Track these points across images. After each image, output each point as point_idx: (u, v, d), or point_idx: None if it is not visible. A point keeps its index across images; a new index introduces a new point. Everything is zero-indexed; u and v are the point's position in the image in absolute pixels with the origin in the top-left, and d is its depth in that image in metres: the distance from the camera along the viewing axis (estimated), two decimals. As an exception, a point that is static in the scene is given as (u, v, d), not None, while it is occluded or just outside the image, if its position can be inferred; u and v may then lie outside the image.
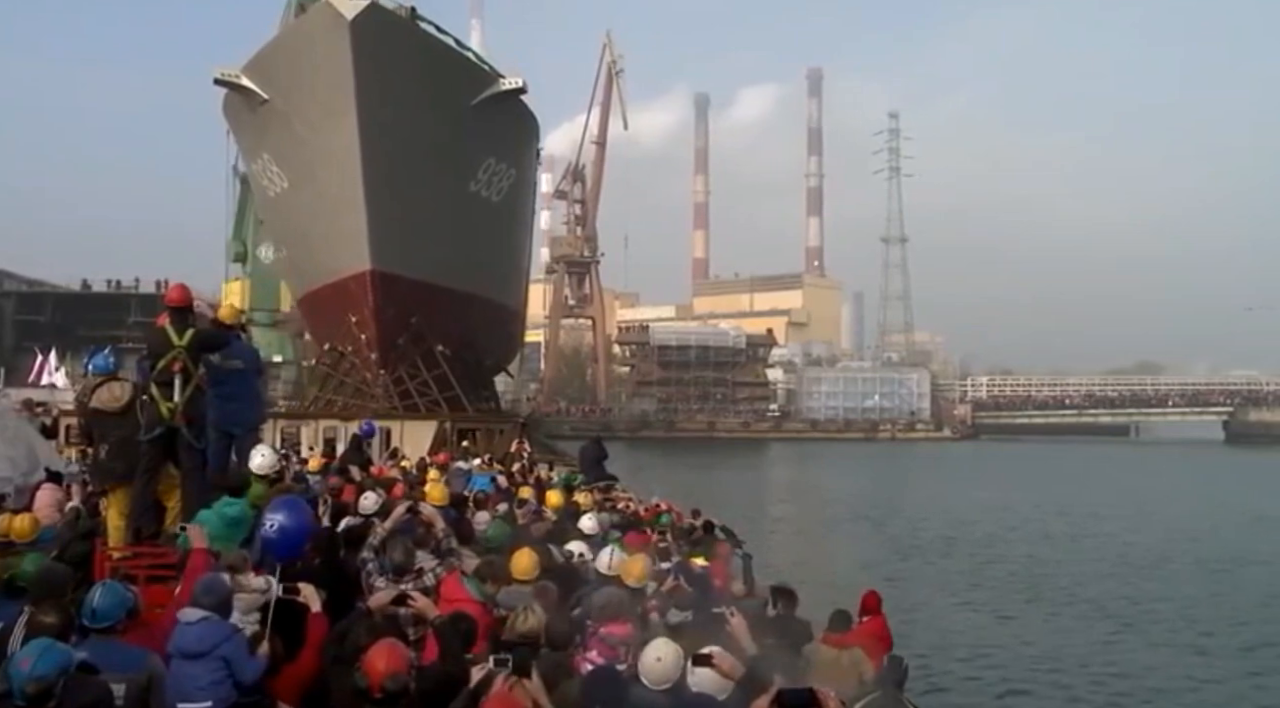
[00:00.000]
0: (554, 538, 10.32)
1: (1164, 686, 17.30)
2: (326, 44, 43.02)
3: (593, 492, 17.48)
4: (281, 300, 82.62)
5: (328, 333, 56.18)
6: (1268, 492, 56.90)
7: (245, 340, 9.90)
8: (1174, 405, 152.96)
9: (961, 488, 56.99)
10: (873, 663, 9.25)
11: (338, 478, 12.88)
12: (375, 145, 44.81)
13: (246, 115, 51.44)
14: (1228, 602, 24.79)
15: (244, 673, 4.98)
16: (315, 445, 32.80)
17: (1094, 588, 26.50)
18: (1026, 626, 21.94)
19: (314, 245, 51.40)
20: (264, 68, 48.37)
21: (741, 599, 9.64)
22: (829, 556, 32.21)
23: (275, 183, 52.49)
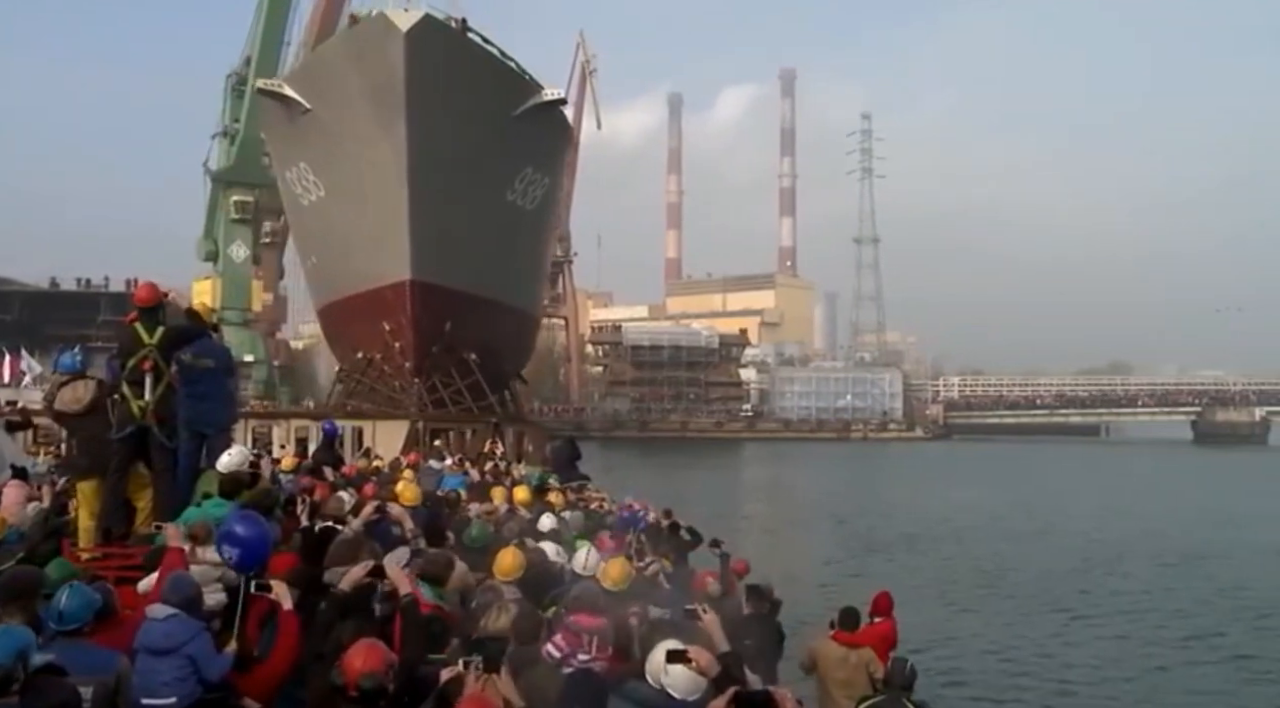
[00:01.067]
0: (528, 537, 10.32)
1: (1112, 674, 17.85)
2: (379, 55, 42.96)
3: (565, 492, 17.47)
4: (253, 300, 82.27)
5: (356, 340, 56.03)
6: (1231, 491, 58.00)
7: (218, 340, 9.82)
8: (1143, 406, 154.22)
9: (932, 488, 57.31)
10: (882, 664, 9.29)
11: (309, 478, 12.80)
12: (422, 156, 44.84)
13: (284, 125, 51.39)
14: (1180, 595, 25.62)
15: (209, 671, 4.92)
16: (287, 444, 32.64)
17: (1054, 583, 27.24)
18: (985, 618, 22.55)
19: (349, 254, 51.27)
20: (309, 78, 48.45)
21: (719, 599, 9.65)
22: (798, 554, 32.41)
23: (310, 192, 52.42)
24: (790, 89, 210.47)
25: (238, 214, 79.20)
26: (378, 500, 9.63)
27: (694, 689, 4.99)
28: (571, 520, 11.83)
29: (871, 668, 9.15)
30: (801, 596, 9.90)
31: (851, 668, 9.15)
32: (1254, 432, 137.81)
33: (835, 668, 9.18)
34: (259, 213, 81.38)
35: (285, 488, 11.13)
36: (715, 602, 9.17)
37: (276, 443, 34.27)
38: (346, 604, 5.74)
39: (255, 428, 37.34)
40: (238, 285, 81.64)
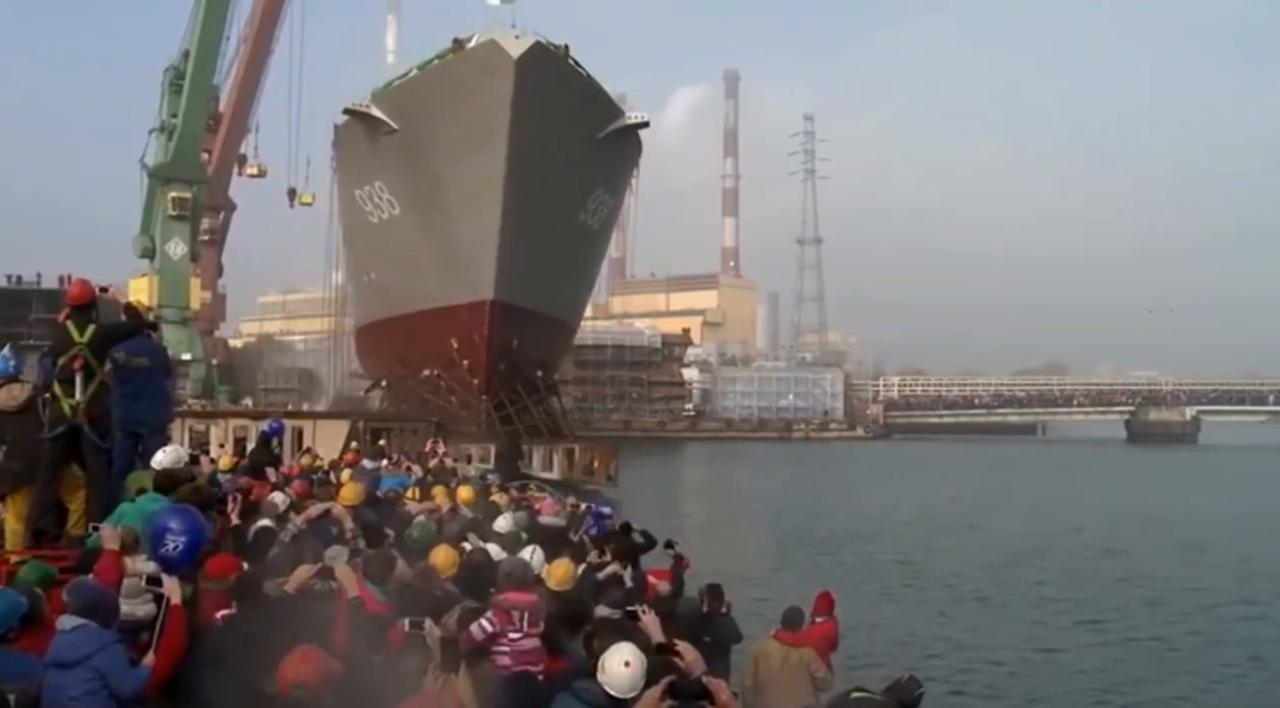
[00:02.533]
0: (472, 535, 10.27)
1: (1014, 656, 18.98)
2: (488, 80, 43.63)
3: (509, 491, 17.41)
4: (191, 297, 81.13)
5: (410, 355, 55.85)
6: (1157, 488, 59.67)
7: (156, 338, 9.64)
8: (1079, 405, 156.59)
9: (869, 487, 58.12)
10: (822, 664, 9.31)
11: (248, 477, 12.64)
12: (516, 178, 45.44)
13: (362, 144, 51.65)
14: (1087, 585, 27.03)
15: (121, 686, 4.72)
16: (225, 443, 32.26)
17: (976, 575, 28.32)
18: (906, 608, 23.54)
19: (422, 272, 51.60)
20: (402, 99, 48.90)
21: (667, 599, 9.66)
22: (735, 552, 32.56)
23: (381, 210, 52.83)
24: (734, 90, 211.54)
25: (175, 211, 77.95)
26: (324, 502, 9.56)
27: (632, 688, 5.01)
28: (515, 521, 11.77)
29: (812, 668, 9.18)
30: (737, 595, 10.04)
31: (792, 668, 9.16)
32: (1185, 431, 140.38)
33: (775, 667, 9.19)
34: (197, 209, 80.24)
35: (223, 487, 11.00)
36: (666, 602, 9.19)
37: (215, 443, 33.84)
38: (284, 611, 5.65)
39: (193, 427, 36.86)
40: (175, 283, 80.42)
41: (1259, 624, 22.64)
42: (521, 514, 12.71)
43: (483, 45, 44.90)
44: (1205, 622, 22.79)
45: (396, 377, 58.78)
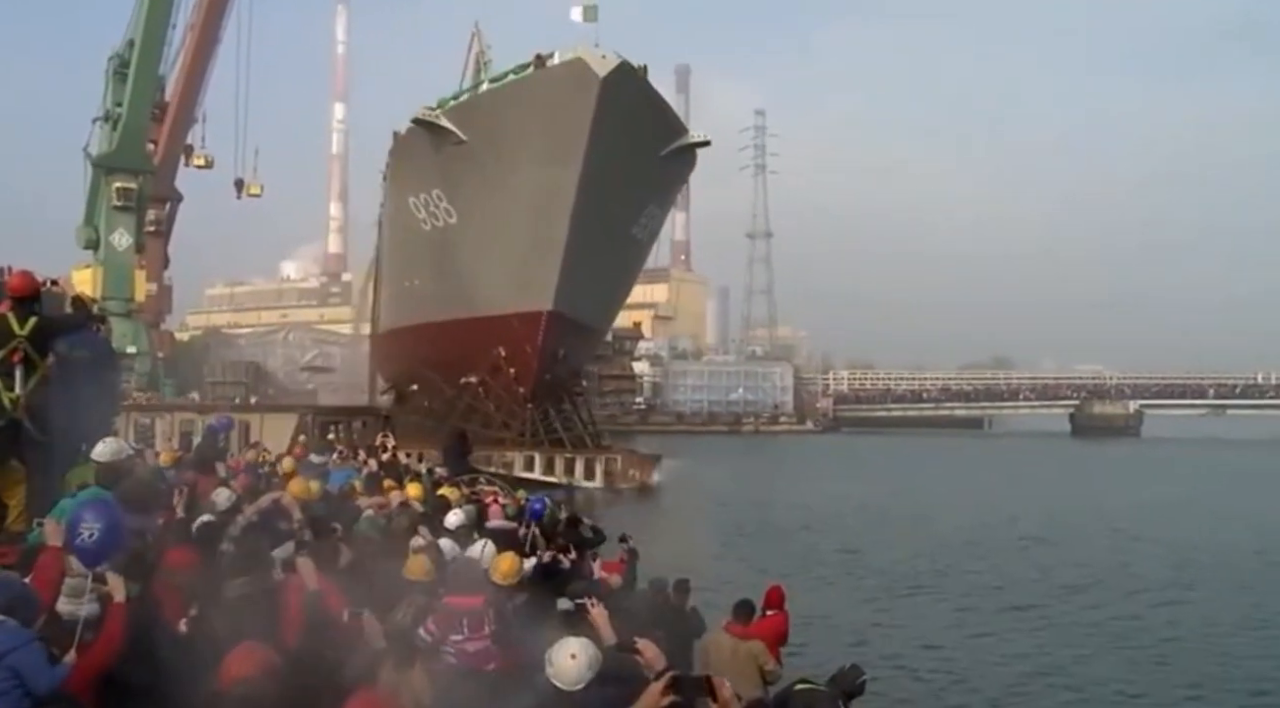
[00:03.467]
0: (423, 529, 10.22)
1: (942, 640, 19.67)
2: (571, 96, 44.21)
3: (459, 486, 17.33)
4: (136, 289, 79.99)
5: (446, 361, 56.31)
6: (1098, 480, 61.11)
7: (103, 332, 9.49)
8: (1025, 399, 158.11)
9: (816, 479, 58.54)
10: (772, 657, 9.34)
11: (193, 472, 12.49)
12: (587, 193, 46.16)
13: (425, 153, 51.93)
14: (1022, 573, 27.77)
15: (36, 684, 4.60)
16: (172, 438, 31.96)
17: (911, 563, 29.02)
18: (848, 599, 23.98)
19: (474, 279, 52.07)
20: (474, 112, 49.55)
21: (618, 591, 9.68)
22: (687, 543, 32.74)
23: (436, 217, 53.19)
24: (685, 85, 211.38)
25: (120, 201, 76.74)
26: (275, 493, 9.48)
27: (578, 681, 5.02)
28: (465, 515, 11.72)
29: (761, 660, 9.23)
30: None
31: (741, 660, 9.20)
32: (1128, 424, 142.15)
33: (725, 660, 9.23)
34: (142, 200, 79.12)
35: (168, 480, 10.87)
36: (617, 595, 9.19)
37: (160, 437, 33.52)
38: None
39: (138, 421, 36.48)
40: (120, 275, 79.25)
41: (1184, 608, 23.33)
42: (471, 508, 12.67)
43: (568, 63, 45.54)
44: (1134, 605, 23.53)
45: (427, 382, 58.93)
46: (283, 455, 18.90)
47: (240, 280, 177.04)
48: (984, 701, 15.89)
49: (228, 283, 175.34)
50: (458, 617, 6.12)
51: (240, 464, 15.27)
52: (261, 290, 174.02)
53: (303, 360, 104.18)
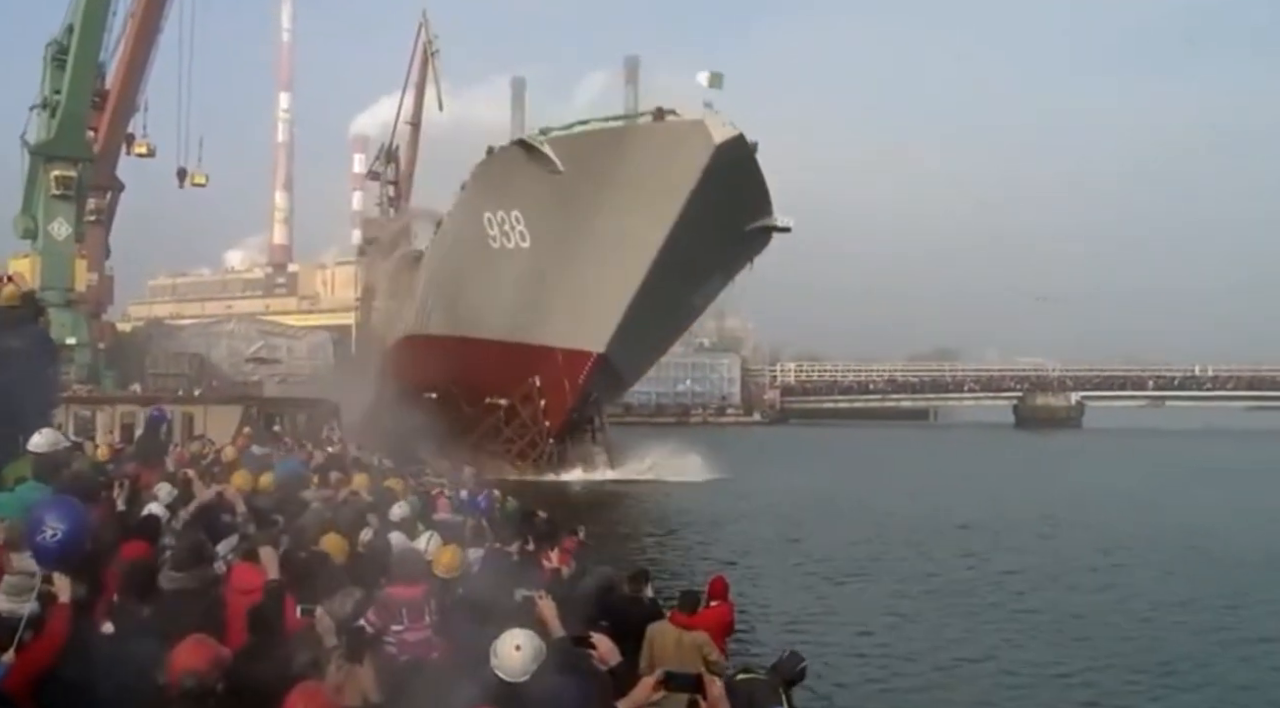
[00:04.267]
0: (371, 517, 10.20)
1: (868, 623, 20.31)
2: (683, 155, 44.61)
3: (405, 477, 17.28)
4: (76, 279, 78.65)
5: (474, 378, 56.58)
6: (1039, 469, 62.67)
7: (43, 324, 9.34)
8: (969, 391, 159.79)
9: (760, 469, 59.01)
10: (716, 648, 9.40)
11: (134, 465, 12.36)
12: (669, 251, 46.55)
13: (516, 173, 51.89)
14: (955, 559, 28.55)
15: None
16: (114, 430, 31.57)
17: (848, 552, 29.57)
18: (786, 587, 24.43)
19: (531, 305, 52.08)
20: (577, 146, 49.39)
21: (567, 582, 9.70)
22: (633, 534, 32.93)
23: (509, 237, 53.16)
24: (634, 77, 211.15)
25: (59, 190, 75.33)
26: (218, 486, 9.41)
27: (523, 672, 5.03)
28: (410, 507, 11.68)
29: (706, 651, 9.29)
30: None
31: (686, 650, 9.24)
32: (1070, 415, 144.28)
33: (669, 650, 9.27)
34: (82, 189, 77.75)
35: (109, 473, 10.74)
36: (566, 586, 9.22)
37: (101, 429, 33.09)
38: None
39: (78, 413, 35.98)
40: (59, 264, 77.82)
41: (1110, 592, 24.00)
42: (415, 500, 12.64)
43: (689, 123, 45.71)
44: (1061, 590, 24.29)
45: (448, 394, 59.06)
46: (225, 447, 18.74)
47: (183, 271, 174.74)
48: (920, 683, 16.23)
49: (170, 273, 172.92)
50: (398, 607, 6.11)
51: (183, 457, 15.12)
52: (205, 281, 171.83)
53: (248, 352, 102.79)
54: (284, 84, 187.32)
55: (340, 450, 21.69)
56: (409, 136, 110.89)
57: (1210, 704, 15.51)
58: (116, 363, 74.76)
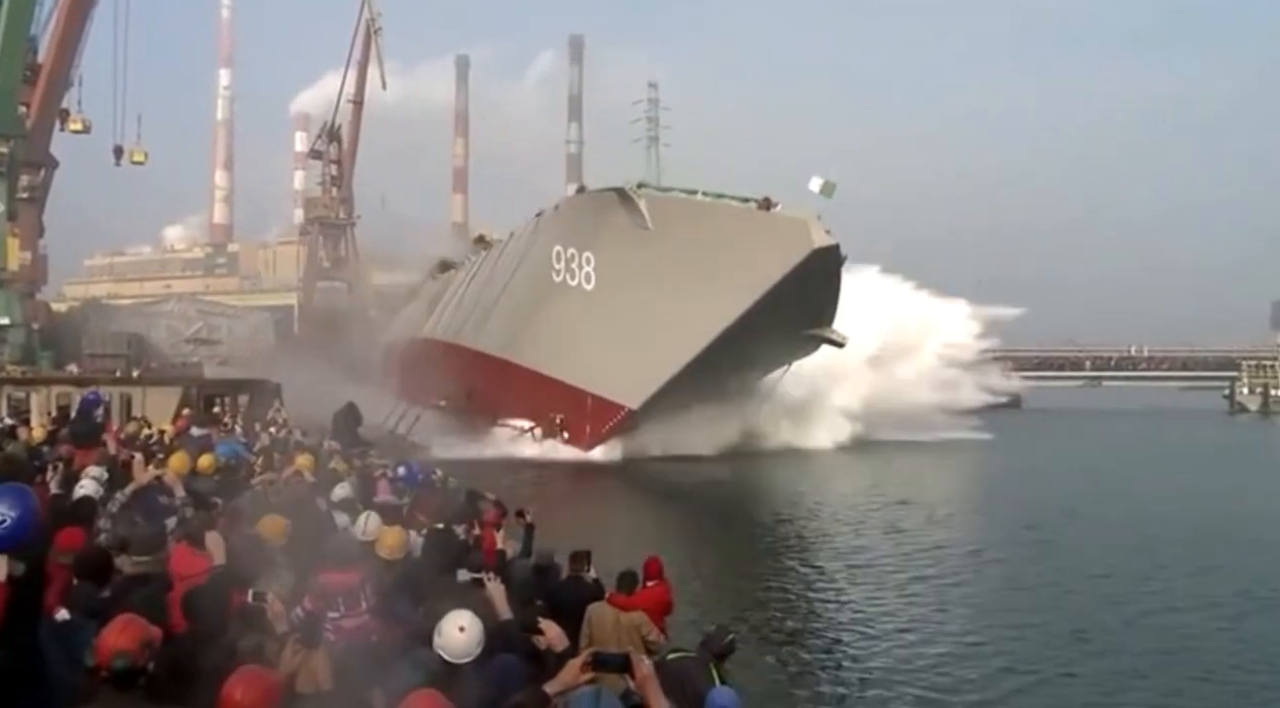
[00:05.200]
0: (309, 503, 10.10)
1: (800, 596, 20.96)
2: (779, 248, 44.71)
3: (350, 460, 17.13)
4: (8, 258, 77.17)
5: (490, 395, 57.22)
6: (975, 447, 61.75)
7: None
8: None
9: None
10: (655, 628, 9.42)
11: (69, 446, 12.14)
12: (734, 333, 46.81)
13: (598, 217, 51.88)
14: (873, 535, 28.71)
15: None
16: (50, 411, 31.07)
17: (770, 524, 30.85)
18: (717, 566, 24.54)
19: (576, 345, 52.19)
20: (674, 209, 49.35)
21: (512, 563, 9.68)
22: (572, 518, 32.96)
23: (573, 275, 53.55)
24: (579, 56, 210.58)
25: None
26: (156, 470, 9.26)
27: (466, 653, 5.01)
28: (351, 488, 11.58)
29: (644, 631, 9.34)
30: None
31: (624, 631, 9.30)
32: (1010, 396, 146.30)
33: (608, 631, 9.32)
34: (15, 166, 76.24)
35: (42, 455, 10.56)
36: (512, 567, 9.19)
37: (36, 411, 32.58)
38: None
39: (11, 395, 35.38)
40: (-13, 241, 76.52)
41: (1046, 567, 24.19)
42: (356, 481, 12.55)
43: (792, 220, 45.70)
44: (1000, 571, 24.35)
45: (459, 404, 59.50)
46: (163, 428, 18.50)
47: (121, 250, 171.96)
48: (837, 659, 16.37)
49: (107, 252, 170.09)
50: (333, 595, 6.04)
51: (120, 437, 14.90)
52: (143, 260, 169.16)
53: (187, 332, 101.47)
54: (224, 60, 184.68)
55: (283, 432, 21.48)
56: (351, 115, 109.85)
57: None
58: (52, 343, 73.52)
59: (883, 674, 15.26)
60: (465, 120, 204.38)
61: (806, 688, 14.79)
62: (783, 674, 15.19)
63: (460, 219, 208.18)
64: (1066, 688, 14.93)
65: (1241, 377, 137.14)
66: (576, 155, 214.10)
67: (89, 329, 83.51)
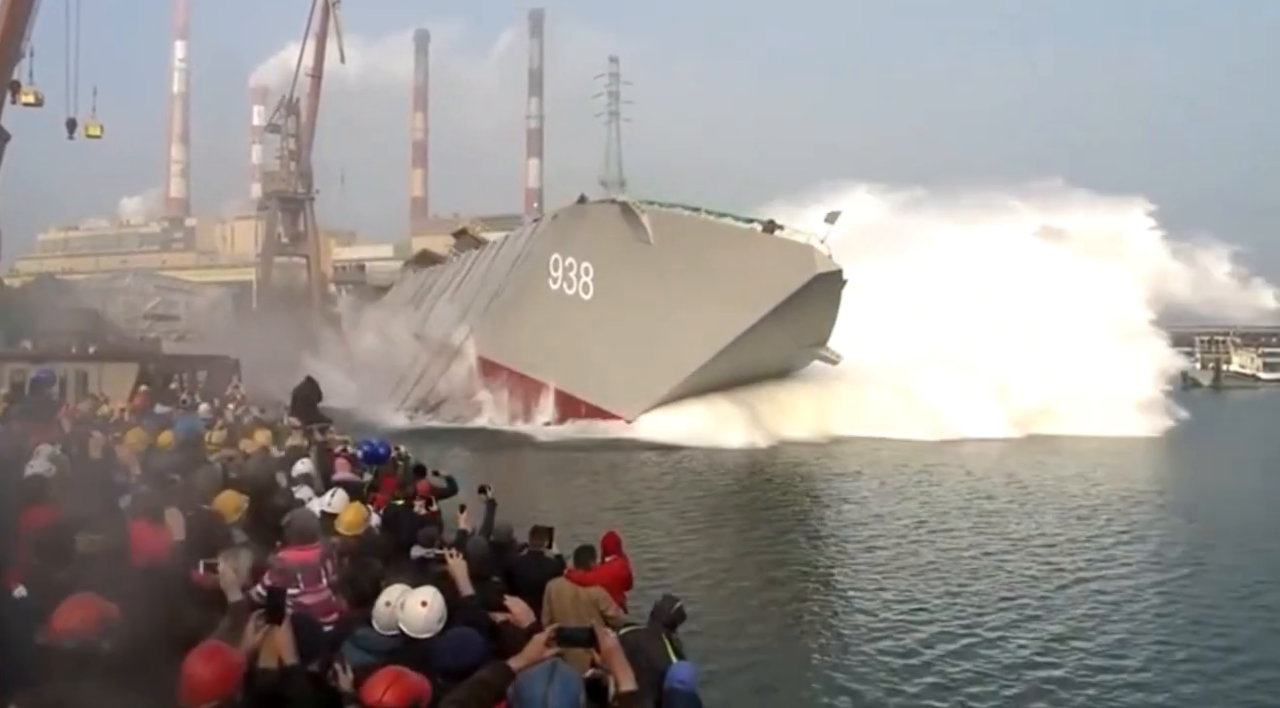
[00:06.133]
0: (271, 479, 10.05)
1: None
2: (783, 271, 45.49)
3: (311, 434, 17.04)
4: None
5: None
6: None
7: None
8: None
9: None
10: (614, 603, 9.45)
11: (23, 424, 11.99)
12: (739, 345, 47.43)
13: (598, 229, 52.24)
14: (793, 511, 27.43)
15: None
16: (3, 389, 30.60)
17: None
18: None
19: (568, 353, 52.46)
20: (678, 226, 49.64)
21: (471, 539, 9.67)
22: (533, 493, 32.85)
23: (570, 284, 53.92)
24: (539, 30, 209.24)
25: (-62, 140, 72.78)
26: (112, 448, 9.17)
27: (426, 628, 5.03)
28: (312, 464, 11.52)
29: (602, 606, 9.38)
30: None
31: (582, 606, 9.34)
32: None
33: (567, 606, 9.37)
34: (-36, 139, 75.22)
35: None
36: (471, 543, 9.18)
37: (-12, 388, 32.02)
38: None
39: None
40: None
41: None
42: (315, 456, 12.50)
43: (798, 245, 46.47)
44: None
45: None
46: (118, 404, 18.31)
47: (75, 225, 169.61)
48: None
49: (62, 227, 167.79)
50: (292, 571, 6.00)
51: (74, 414, 14.73)
52: (99, 235, 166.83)
53: (144, 308, 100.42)
54: (179, 32, 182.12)
55: (240, 408, 21.32)
56: (310, 89, 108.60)
57: None
58: (6, 319, 72.48)
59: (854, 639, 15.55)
60: (425, 95, 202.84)
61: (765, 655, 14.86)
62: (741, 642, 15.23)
63: (420, 193, 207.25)
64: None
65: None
66: (537, 130, 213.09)
67: (44, 305, 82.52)
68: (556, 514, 20.04)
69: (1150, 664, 14.64)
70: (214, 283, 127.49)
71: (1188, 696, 13.39)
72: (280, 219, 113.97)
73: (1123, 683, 13.79)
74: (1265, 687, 13.73)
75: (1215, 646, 15.50)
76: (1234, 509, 28.92)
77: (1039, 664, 14.56)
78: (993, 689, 13.46)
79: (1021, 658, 14.85)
